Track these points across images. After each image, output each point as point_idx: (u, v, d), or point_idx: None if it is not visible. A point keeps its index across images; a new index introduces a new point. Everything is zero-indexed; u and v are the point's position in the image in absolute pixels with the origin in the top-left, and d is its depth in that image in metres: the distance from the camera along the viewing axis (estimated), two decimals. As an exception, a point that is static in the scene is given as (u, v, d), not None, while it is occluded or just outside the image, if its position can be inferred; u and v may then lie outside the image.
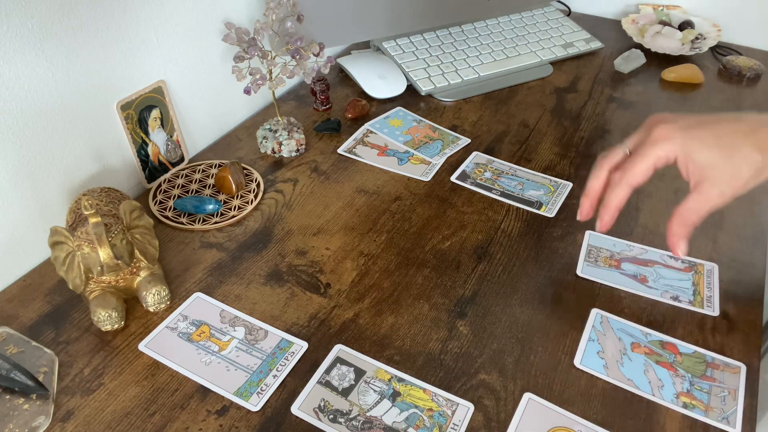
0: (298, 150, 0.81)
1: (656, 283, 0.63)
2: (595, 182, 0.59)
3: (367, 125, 0.86)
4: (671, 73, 0.97)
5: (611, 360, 0.55)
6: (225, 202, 0.73)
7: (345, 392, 0.53)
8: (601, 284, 0.62)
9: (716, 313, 0.59)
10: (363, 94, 0.93)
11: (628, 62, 0.99)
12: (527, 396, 0.52)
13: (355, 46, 1.06)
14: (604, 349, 0.56)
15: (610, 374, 0.54)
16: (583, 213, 0.60)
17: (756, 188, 0.76)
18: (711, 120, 0.54)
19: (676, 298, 0.61)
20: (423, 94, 0.93)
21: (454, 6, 1.02)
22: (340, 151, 0.82)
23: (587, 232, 0.69)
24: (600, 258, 0.66)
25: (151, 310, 0.59)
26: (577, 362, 0.55)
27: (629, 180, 0.55)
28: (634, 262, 0.65)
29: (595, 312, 0.60)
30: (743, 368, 0.55)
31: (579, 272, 0.64)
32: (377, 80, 0.93)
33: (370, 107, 0.90)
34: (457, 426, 0.50)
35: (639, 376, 0.54)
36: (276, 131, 0.80)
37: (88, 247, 0.54)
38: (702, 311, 0.60)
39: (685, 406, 0.52)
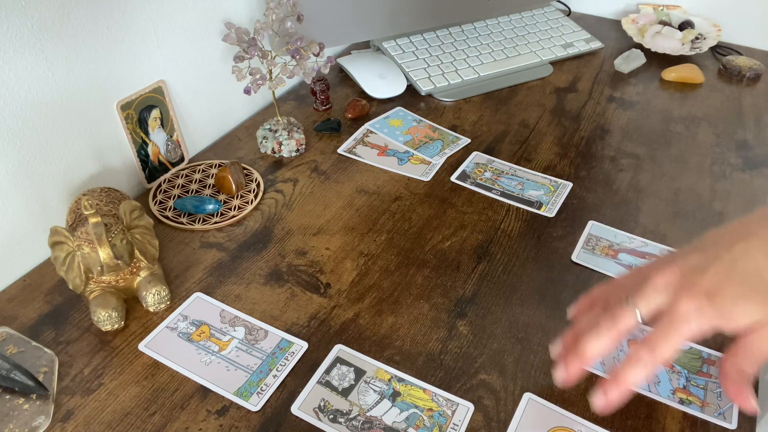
0: (298, 150, 0.81)
1: None
2: (597, 346, 0.45)
3: (367, 125, 0.86)
4: (671, 73, 0.97)
5: (608, 357, 0.55)
6: (225, 202, 0.73)
7: (345, 392, 0.53)
8: (598, 273, 0.62)
9: None
10: (363, 94, 0.93)
11: (628, 62, 0.99)
12: (527, 396, 0.52)
13: (355, 46, 1.06)
14: None
15: (608, 371, 0.54)
16: (568, 377, 0.47)
17: (756, 186, 0.76)
18: (725, 257, 0.44)
19: None
20: (423, 94, 0.93)
21: (454, 6, 1.02)
22: (340, 151, 0.82)
23: (590, 222, 0.70)
24: (598, 247, 0.66)
25: (151, 310, 0.59)
26: (575, 360, 0.55)
27: (658, 358, 0.43)
28: (631, 254, 0.66)
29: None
30: None
31: (574, 258, 0.65)
32: (377, 80, 0.93)
33: (370, 107, 0.90)
34: (457, 426, 0.50)
35: (637, 373, 0.54)
36: (276, 131, 0.80)
37: (88, 247, 0.54)
38: None
39: (681, 401, 0.52)
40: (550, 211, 0.72)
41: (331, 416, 0.51)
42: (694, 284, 0.43)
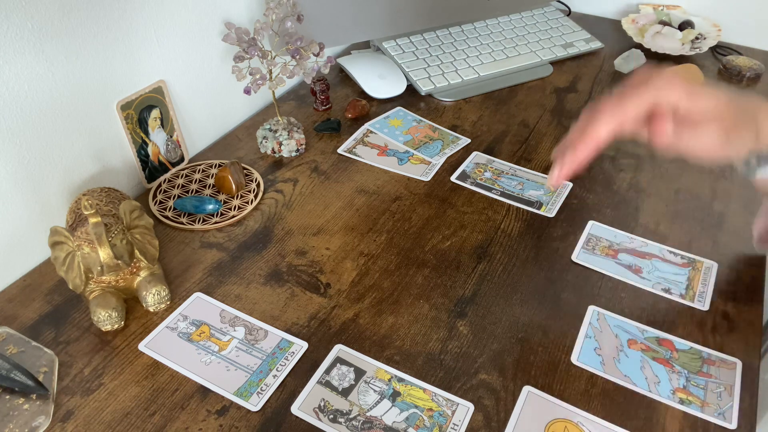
0: (298, 150, 0.81)
1: (650, 275, 0.63)
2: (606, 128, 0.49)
3: (367, 125, 0.86)
4: (671, 73, 0.97)
5: (608, 357, 0.55)
6: (225, 202, 0.73)
7: (345, 392, 0.53)
8: (598, 273, 0.63)
9: (705, 308, 0.60)
10: (363, 94, 0.93)
11: (628, 62, 0.99)
12: (527, 389, 0.53)
13: (355, 46, 1.06)
14: (601, 346, 0.56)
15: (607, 371, 0.54)
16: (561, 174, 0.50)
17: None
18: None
19: (667, 291, 0.62)
20: (423, 94, 0.93)
21: (454, 6, 1.02)
22: (340, 151, 0.82)
23: (590, 222, 0.70)
24: (598, 247, 0.67)
25: (151, 310, 0.59)
26: (574, 359, 0.55)
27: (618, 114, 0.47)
28: (632, 254, 0.66)
29: (591, 309, 0.60)
30: (739, 364, 0.55)
31: (574, 258, 0.65)
32: (377, 80, 0.92)
33: (370, 107, 0.90)
34: (457, 426, 0.50)
35: (636, 372, 0.54)
36: (276, 131, 0.80)
37: (88, 247, 0.54)
38: (692, 305, 0.60)
39: (681, 401, 0.52)
40: (550, 211, 0.72)
41: (331, 416, 0.51)
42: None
